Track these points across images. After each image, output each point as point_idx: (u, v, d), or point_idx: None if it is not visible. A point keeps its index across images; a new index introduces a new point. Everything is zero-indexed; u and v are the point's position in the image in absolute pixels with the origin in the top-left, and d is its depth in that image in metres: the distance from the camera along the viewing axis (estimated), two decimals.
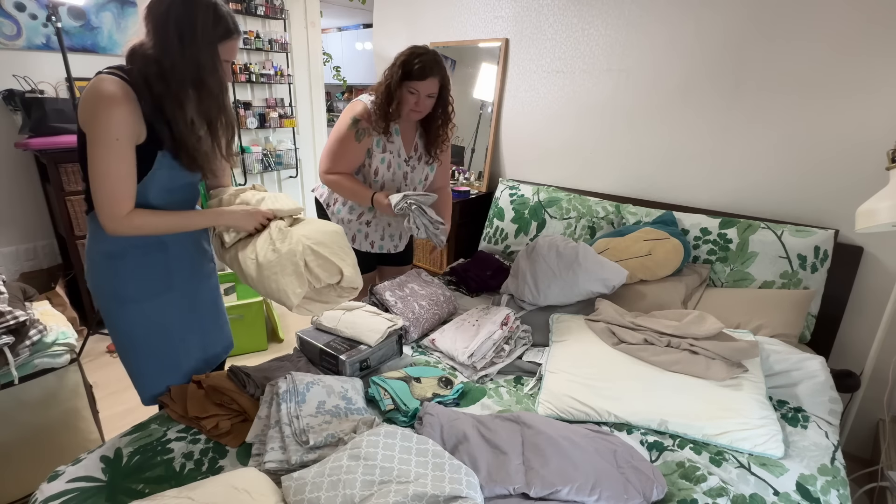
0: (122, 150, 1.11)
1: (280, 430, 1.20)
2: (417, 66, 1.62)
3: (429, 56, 1.64)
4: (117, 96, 1.08)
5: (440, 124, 1.80)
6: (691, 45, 2.03)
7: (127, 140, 1.11)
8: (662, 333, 1.54)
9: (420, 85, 1.65)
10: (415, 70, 1.63)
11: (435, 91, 1.69)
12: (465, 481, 1.02)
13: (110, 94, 1.07)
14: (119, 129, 1.09)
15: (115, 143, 1.09)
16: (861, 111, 1.72)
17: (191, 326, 1.41)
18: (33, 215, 2.83)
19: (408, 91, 1.66)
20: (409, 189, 1.87)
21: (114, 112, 1.07)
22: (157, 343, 1.35)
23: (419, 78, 1.63)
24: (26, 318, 1.55)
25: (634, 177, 2.32)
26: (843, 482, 1.20)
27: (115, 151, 1.10)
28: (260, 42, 3.61)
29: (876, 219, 1.33)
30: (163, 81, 1.12)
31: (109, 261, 1.25)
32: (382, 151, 1.78)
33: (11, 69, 2.57)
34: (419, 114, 1.73)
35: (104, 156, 1.10)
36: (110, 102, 1.07)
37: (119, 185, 1.12)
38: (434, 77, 1.65)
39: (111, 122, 1.08)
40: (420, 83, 1.64)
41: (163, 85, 1.12)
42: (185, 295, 1.37)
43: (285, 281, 1.25)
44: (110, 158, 1.10)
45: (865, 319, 1.84)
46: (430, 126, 1.81)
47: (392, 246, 2.01)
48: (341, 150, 1.76)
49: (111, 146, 1.09)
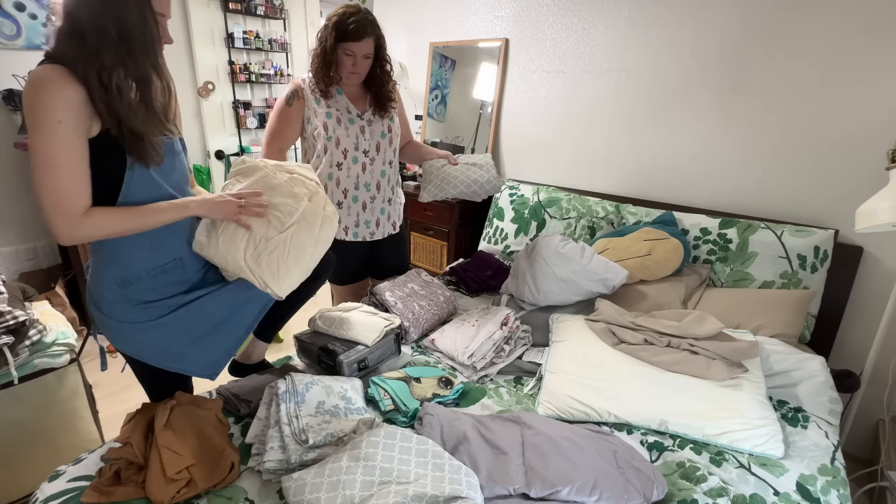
0: (66, 134, 0.96)
1: (279, 429, 1.19)
2: (352, 26, 1.59)
3: (362, 15, 1.61)
4: (52, 76, 0.94)
5: (383, 83, 1.77)
6: (691, 46, 2.03)
7: (72, 124, 0.96)
8: (662, 333, 1.54)
9: (356, 46, 1.61)
10: (350, 31, 1.59)
11: (371, 51, 1.66)
12: (465, 482, 1.02)
13: (44, 75, 0.94)
14: (60, 110, 0.94)
15: (58, 126, 0.94)
16: (861, 111, 1.72)
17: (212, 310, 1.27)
18: (33, 215, 2.83)
19: (344, 53, 1.64)
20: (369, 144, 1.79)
21: (50, 91, 0.94)
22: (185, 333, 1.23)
23: (355, 39, 1.60)
24: (26, 318, 1.55)
25: (634, 177, 2.32)
26: (843, 482, 1.20)
27: (59, 135, 0.95)
28: (260, 42, 3.61)
29: (876, 219, 1.33)
30: (79, 42, 0.97)
31: (124, 289, 1.13)
32: (327, 108, 1.73)
33: (11, 69, 2.57)
34: (358, 76, 1.70)
35: (46, 141, 0.94)
36: (45, 82, 0.94)
37: (69, 175, 0.97)
38: (369, 37, 1.62)
39: (49, 102, 0.93)
40: (356, 44, 1.61)
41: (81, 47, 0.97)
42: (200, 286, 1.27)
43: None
44: (56, 144, 0.95)
45: (865, 319, 1.84)
46: (372, 85, 1.78)
47: (368, 233, 1.89)
48: (277, 124, 1.74)
49: (53, 129, 0.94)
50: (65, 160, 0.96)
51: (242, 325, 1.33)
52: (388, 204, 1.92)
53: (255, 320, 1.36)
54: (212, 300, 1.25)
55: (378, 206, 1.88)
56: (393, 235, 1.99)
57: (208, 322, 1.26)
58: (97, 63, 0.98)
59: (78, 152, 0.98)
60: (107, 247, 1.10)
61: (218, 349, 1.29)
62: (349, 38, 1.60)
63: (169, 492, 1.04)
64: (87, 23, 0.97)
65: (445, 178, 1.93)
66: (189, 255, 1.21)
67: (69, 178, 0.97)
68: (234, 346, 1.33)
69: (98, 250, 1.12)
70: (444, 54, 2.91)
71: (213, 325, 1.27)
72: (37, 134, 0.95)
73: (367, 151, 1.79)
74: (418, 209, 2.76)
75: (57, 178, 0.96)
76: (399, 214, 2.01)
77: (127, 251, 1.11)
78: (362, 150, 1.79)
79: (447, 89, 2.94)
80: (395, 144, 1.88)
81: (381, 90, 1.78)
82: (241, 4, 3.46)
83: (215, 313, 1.26)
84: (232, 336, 1.32)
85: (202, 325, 1.25)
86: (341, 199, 1.83)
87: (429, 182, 1.95)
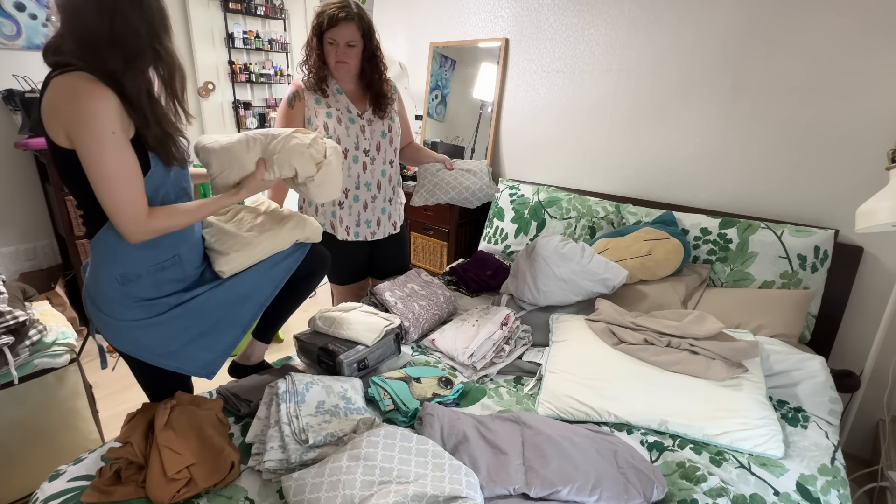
0: (119, 144, 0.99)
1: (280, 429, 1.20)
2: (329, 14, 1.62)
3: (341, 3, 1.63)
4: (89, 86, 0.95)
5: (377, 78, 1.77)
6: (691, 45, 2.03)
7: (122, 133, 1.00)
8: (662, 333, 1.54)
9: (336, 32, 1.63)
10: (327, 19, 1.62)
11: (354, 39, 1.66)
12: (465, 481, 1.02)
13: (82, 86, 0.95)
14: (113, 121, 0.97)
15: (112, 138, 0.98)
16: (861, 111, 1.72)
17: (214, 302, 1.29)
18: (33, 215, 2.83)
19: (328, 43, 1.66)
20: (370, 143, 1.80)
21: (100, 103, 0.96)
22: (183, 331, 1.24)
23: (332, 25, 1.62)
24: (26, 318, 1.55)
25: (634, 177, 2.32)
26: (843, 482, 1.20)
27: (116, 147, 0.98)
28: (260, 42, 3.61)
29: (876, 219, 1.33)
30: (118, 48, 0.98)
31: (124, 286, 1.13)
32: (327, 108, 1.75)
33: (11, 69, 2.57)
34: (346, 66, 1.69)
35: (103, 155, 0.97)
36: (88, 93, 0.95)
37: (132, 182, 1.02)
38: (349, 22, 1.63)
39: (102, 115, 0.96)
40: (335, 30, 1.63)
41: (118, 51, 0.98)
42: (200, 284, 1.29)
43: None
44: (114, 156, 0.98)
45: (865, 319, 1.84)
46: (366, 81, 1.79)
47: (369, 233, 1.90)
48: (280, 124, 1.76)
49: (109, 141, 0.97)
50: (124, 171, 1.01)
51: (240, 324, 1.34)
52: (388, 204, 1.92)
53: (253, 319, 1.37)
54: (209, 298, 1.25)
55: (379, 206, 1.88)
56: (393, 235, 1.99)
57: (206, 321, 1.26)
58: (135, 69, 1.01)
59: (131, 159, 1.02)
60: (107, 245, 1.11)
61: (216, 348, 1.30)
62: (330, 25, 1.62)
63: (169, 491, 1.04)
64: (125, 30, 0.98)
65: (438, 183, 1.94)
66: (187, 252, 1.22)
67: (130, 187, 1.02)
68: (231, 346, 1.33)
69: (97, 248, 1.12)
70: (444, 54, 2.91)
71: (210, 324, 1.27)
72: (93, 148, 0.97)
73: (367, 151, 1.79)
74: (418, 209, 2.76)
75: (120, 189, 1.00)
76: (400, 214, 2.01)
77: (127, 249, 1.11)
78: (363, 149, 1.79)
79: (447, 89, 2.94)
80: (395, 144, 1.88)
81: (377, 87, 1.78)
82: (241, 4, 3.46)
83: (213, 311, 1.27)
84: (230, 335, 1.32)
85: (200, 323, 1.25)
86: (342, 199, 1.83)
87: (421, 186, 1.96)
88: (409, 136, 2.03)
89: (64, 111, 0.96)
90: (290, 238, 1.40)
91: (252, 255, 1.32)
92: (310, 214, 1.90)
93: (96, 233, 1.10)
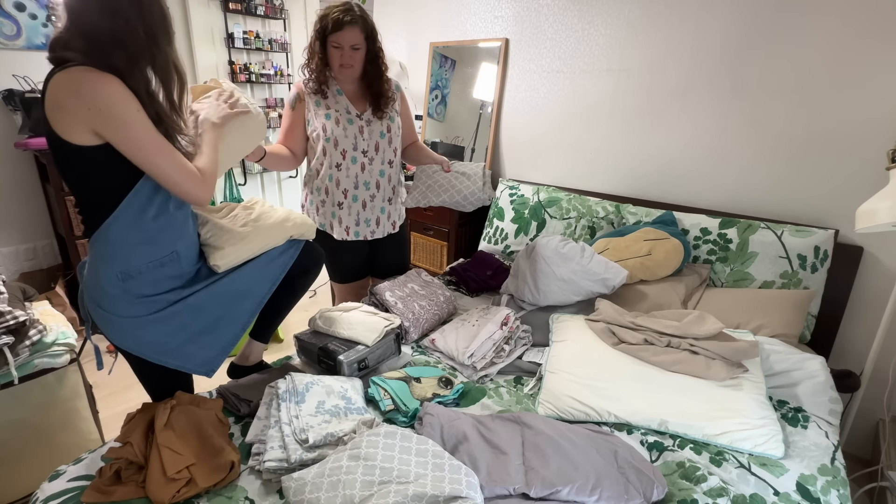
0: (146, 117, 1.02)
1: (280, 429, 1.20)
2: (334, 18, 1.61)
3: (345, 7, 1.63)
4: (97, 75, 0.97)
5: (375, 78, 1.77)
6: (691, 46, 2.03)
7: (141, 108, 1.03)
8: (662, 333, 1.54)
9: (340, 37, 1.63)
10: (332, 23, 1.62)
11: (358, 42, 1.66)
12: (465, 481, 1.02)
13: (90, 75, 0.97)
14: (132, 99, 1.00)
15: (138, 114, 1.01)
16: (861, 111, 1.72)
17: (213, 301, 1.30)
18: (33, 215, 2.83)
19: (332, 46, 1.66)
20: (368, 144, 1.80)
21: (113, 86, 0.98)
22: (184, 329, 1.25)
23: (337, 29, 1.61)
24: (26, 318, 1.55)
25: (634, 177, 2.32)
26: (844, 482, 1.20)
27: (145, 121, 1.02)
28: (260, 42, 3.60)
29: (876, 219, 1.33)
30: (119, 47, 1.00)
31: (125, 283, 1.14)
32: (326, 109, 1.75)
33: (11, 69, 2.57)
34: (350, 69, 1.69)
35: (141, 131, 1.01)
36: (99, 79, 0.97)
37: (170, 149, 1.05)
38: (353, 26, 1.62)
39: (120, 96, 0.98)
40: (339, 34, 1.62)
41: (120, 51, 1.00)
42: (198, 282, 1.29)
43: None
44: (148, 129, 1.02)
45: (865, 319, 1.84)
46: (368, 83, 1.79)
47: (368, 232, 1.90)
48: (284, 127, 1.79)
49: (139, 118, 1.00)
50: (163, 140, 1.05)
51: (239, 321, 1.35)
52: (388, 203, 1.92)
53: (251, 316, 1.38)
54: (207, 295, 1.27)
55: (378, 206, 1.88)
56: (393, 235, 1.99)
57: (205, 318, 1.27)
58: (139, 68, 1.03)
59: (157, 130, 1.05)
60: (107, 242, 1.11)
61: (215, 346, 1.31)
62: (334, 29, 1.62)
63: (169, 491, 1.04)
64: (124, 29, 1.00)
65: (432, 185, 1.94)
66: (184, 248, 1.24)
67: (176, 153, 1.06)
68: (231, 343, 1.34)
69: (97, 246, 1.13)
70: (444, 54, 2.90)
71: (210, 322, 1.29)
72: (129, 129, 1.00)
73: (365, 151, 1.80)
74: (419, 209, 2.76)
75: (171, 158, 1.05)
76: (400, 214, 2.01)
77: (127, 245, 1.12)
78: (361, 150, 1.79)
79: (447, 89, 2.94)
80: (395, 144, 1.87)
81: (377, 87, 1.78)
82: (241, 4, 3.45)
83: (211, 309, 1.28)
84: (229, 333, 1.33)
85: (199, 321, 1.27)
86: (342, 200, 1.83)
87: (415, 187, 1.97)
88: (412, 136, 2.03)
89: (79, 104, 0.96)
90: (283, 234, 1.41)
91: (246, 249, 1.33)
92: (310, 214, 1.90)
93: (95, 231, 1.11)
